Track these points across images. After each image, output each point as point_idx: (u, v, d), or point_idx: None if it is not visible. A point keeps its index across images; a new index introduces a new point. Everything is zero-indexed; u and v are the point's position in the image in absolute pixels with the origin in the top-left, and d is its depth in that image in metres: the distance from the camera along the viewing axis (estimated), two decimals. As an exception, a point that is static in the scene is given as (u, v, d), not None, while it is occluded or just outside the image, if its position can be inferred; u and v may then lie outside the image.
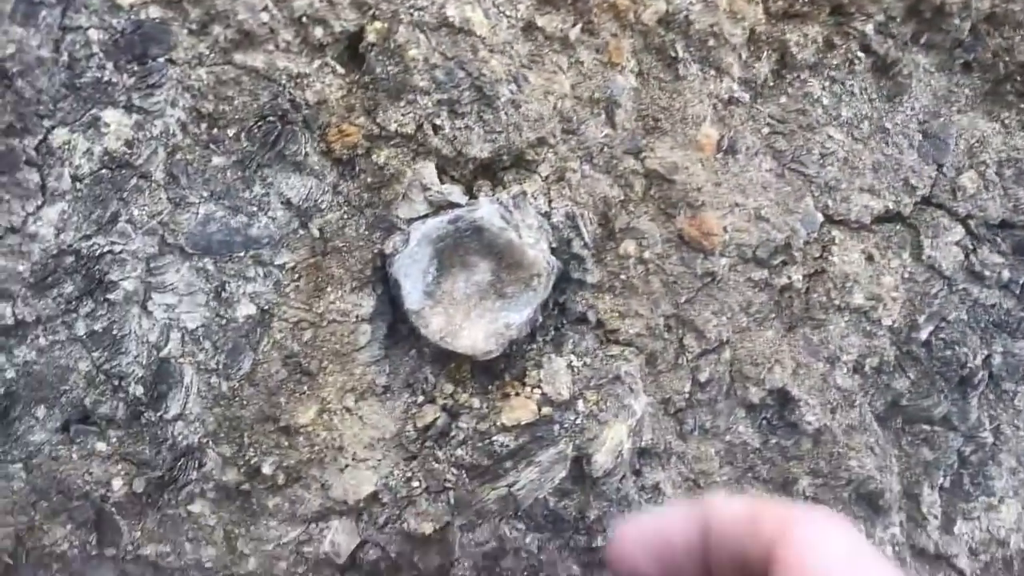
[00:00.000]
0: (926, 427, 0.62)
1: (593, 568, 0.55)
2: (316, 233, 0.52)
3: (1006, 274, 0.62)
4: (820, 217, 0.59)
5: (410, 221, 0.52)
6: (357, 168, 0.51)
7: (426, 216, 0.50)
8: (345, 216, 0.52)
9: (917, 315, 0.60)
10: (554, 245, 0.54)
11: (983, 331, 0.62)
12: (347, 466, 0.52)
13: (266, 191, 0.51)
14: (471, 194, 0.53)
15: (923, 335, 0.60)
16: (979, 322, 0.62)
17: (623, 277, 0.56)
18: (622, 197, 0.56)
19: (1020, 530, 0.63)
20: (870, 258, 0.59)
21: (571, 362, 0.55)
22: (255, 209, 0.50)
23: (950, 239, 0.61)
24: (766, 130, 0.58)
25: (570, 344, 0.55)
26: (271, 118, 0.50)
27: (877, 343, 0.60)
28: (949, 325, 0.61)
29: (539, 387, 0.54)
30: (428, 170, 0.52)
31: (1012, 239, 0.62)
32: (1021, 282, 0.62)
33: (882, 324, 0.59)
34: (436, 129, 0.52)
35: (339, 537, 0.53)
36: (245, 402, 0.51)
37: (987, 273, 0.62)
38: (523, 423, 0.52)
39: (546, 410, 0.52)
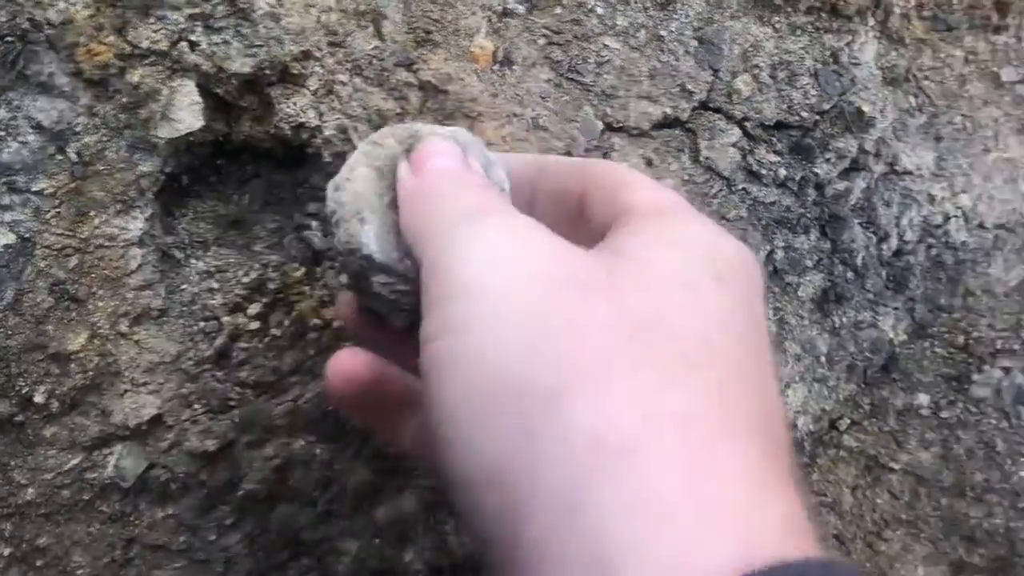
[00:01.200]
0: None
1: (386, 474, 0.56)
2: (74, 157, 0.51)
3: (783, 172, 0.64)
4: (600, 125, 0.60)
5: (170, 142, 0.51)
6: (111, 89, 0.51)
7: None
8: (104, 139, 0.51)
9: None
10: (328, 159, 0.55)
11: (764, 228, 0.65)
12: (127, 391, 0.52)
13: (13, 115, 0.50)
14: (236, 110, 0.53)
15: None
16: (760, 219, 0.65)
17: None
18: (398, 110, 0.56)
19: (807, 412, 0.67)
20: (649, 163, 0.61)
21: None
22: (3, 134, 0.49)
23: (727, 141, 0.63)
24: (542, 41, 0.59)
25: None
26: (9, 38, 0.48)
27: (659, 243, 0.61)
28: (731, 224, 0.64)
29: (323, 302, 0.54)
30: (187, 88, 0.51)
31: (787, 139, 0.65)
32: (798, 179, 0.65)
33: None
34: (192, 45, 0.51)
35: (124, 462, 0.52)
36: (10, 332, 0.50)
37: (764, 172, 0.64)
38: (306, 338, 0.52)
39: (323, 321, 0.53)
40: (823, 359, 0.68)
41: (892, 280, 0.71)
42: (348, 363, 0.40)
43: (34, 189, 0.50)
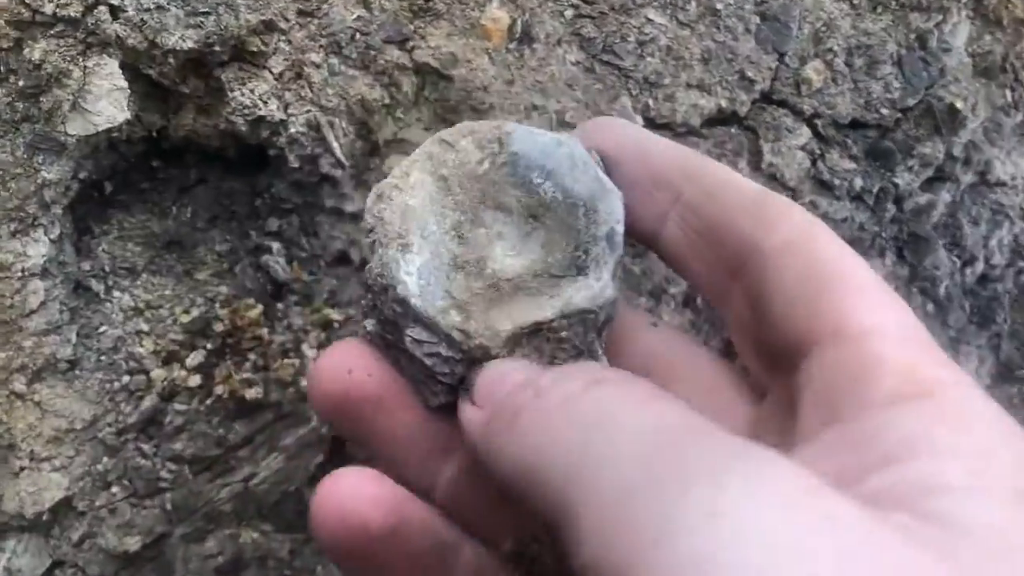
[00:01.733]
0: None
1: None
2: (-47, 159, 0.39)
3: (858, 182, 0.56)
4: (640, 120, 0.51)
5: (86, 140, 0.39)
6: (3, 68, 0.39)
7: None
8: None
9: None
10: (295, 165, 0.43)
11: None
12: (24, 469, 0.41)
13: None
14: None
15: None
16: None
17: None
18: (387, 100, 0.46)
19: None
20: None
21: (330, 317, 0.44)
22: None
23: (794, 143, 0.55)
24: (570, 13, 0.50)
25: (326, 292, 0.44)
26: None
27: (711, 271, 0.51)
28: None
29: (286, 350, 0.43)
30: (108, 68, 0.39)
31: (864, 141, 0.57)
32: (875, 191, 0.56)
33: None
34: (115, 11, 0.40)
35: (20, 560, 0.41)
36: None
37: (837, 182, 0.55)
38: (262, 400, 0.41)
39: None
40: None
41: (976, 312, 0.62)
42: (357, 492, 0.31)
43: None
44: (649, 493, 0.22)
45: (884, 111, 0.55)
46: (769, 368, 0.32)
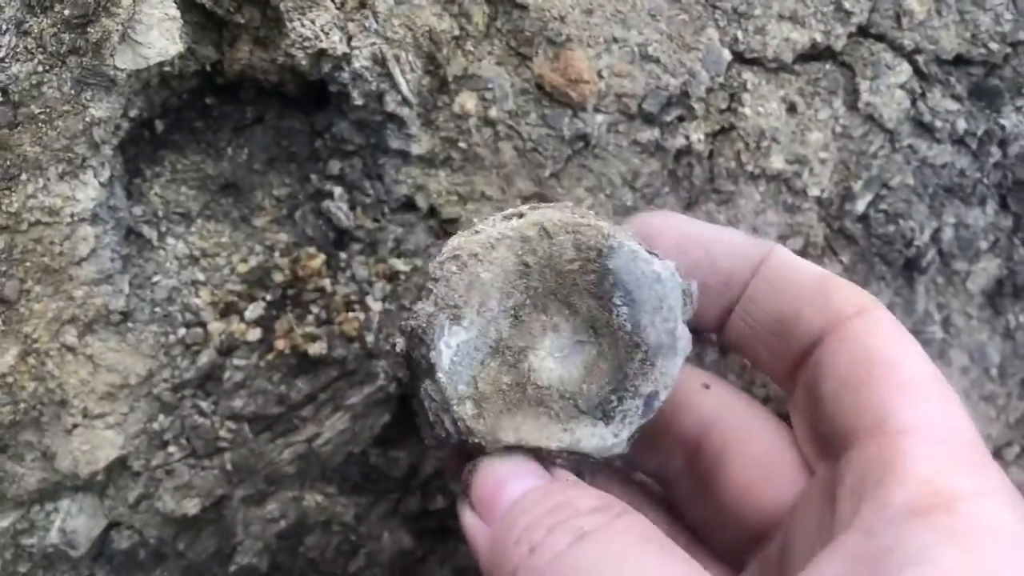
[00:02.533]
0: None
1: (432, 538, 0.43)
2: (-3, 95, 0.37)
3: (961, 124, 0.53)
4: (727, 55, 0.48)
5: (136, 74, 0.36)
6: None
7: None
8: (40, 68, 0.38)
9: (852, 181, 0.50)
10: (359, 103, 0.40)
11: (932, 198, 0.53)
12: (76, 426, 0.39)
13: (-98, 32, 0.35)
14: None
15: (859, 207, 0.51)
16: (927, 187, 0.53)
17: (462, 145, 0.44)
18: (456, 32, 0.43)
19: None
20: (792, 108, 0.49)
21: (396, 268, 0.42)
22: None
23: (894, 81, 0.52)
24: None
25: (391, 241, 0.42)
26: None
27: (802, 219, 0.50)
28: (892, 193, 0.52)
29: (350, 303, 0.40)
30: (158, -5, 0.36)
31: (968, 79, 0.53)
32: (979, 134, 0.53)
33: (808, 195, 0.50)
34: None
35: (74, 522, 0.40)
36: (-89, 346, 0.37)
37: (938, 124, 0.52)
38: (325, 355, 0.39)
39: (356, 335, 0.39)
40: (994, 371, 0.56)
41: (1082, 266, 0.58)
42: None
43: None
44: None
45: (992, 45, 0.52)
46: (818, 454, 0.34)
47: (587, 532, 0.29)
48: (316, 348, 0.40)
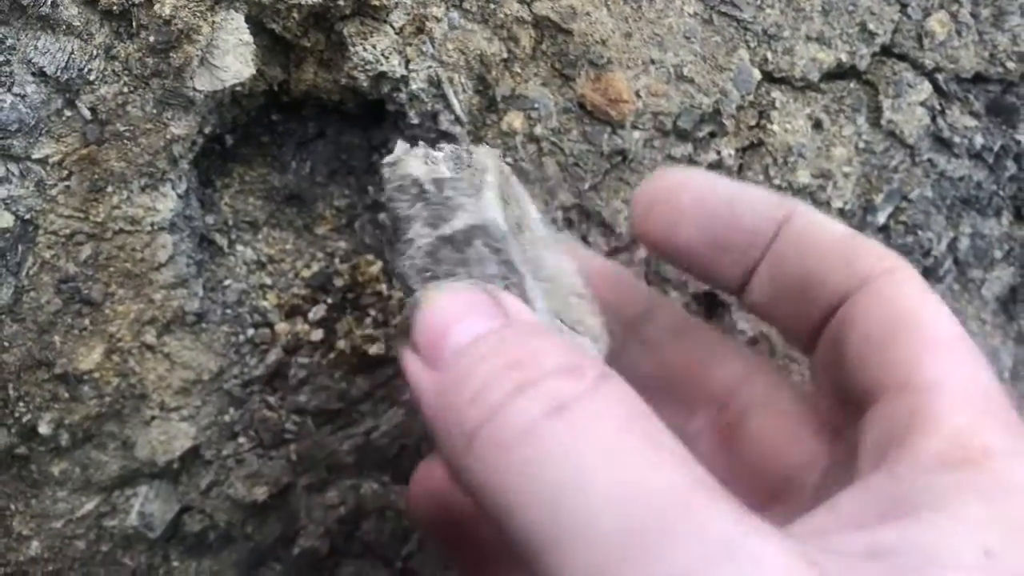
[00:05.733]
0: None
1: None
2: (87, 114, 0.40)
3: (979, 140, 0.54)
4: (757, 74, 0.50)
5: (212, 95, 0.40)
6: (135, 23, 0.39)
7: None
8: (126, 90, 0.40)
9: (874, 194, 0.53)
10: (415, 121, 0.43)
11: (949, 210, 0.54)
12: (154, 418, 0.42)
13: (6, 58, 0.38)
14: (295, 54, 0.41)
15: (881, 218, 0.53)
16: (945, 199, 0.54)
17: (509, 160, 0.47)
18: (505, 55, 0.46)
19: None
20: (818, 125, 0.51)
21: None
22: (-8, 84, 0.38)
23: (915, 99, 0.53)
24: None
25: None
26: (-3, -47, 0.37)
27: (825, 231, 0.50)
28: (911, 205, 0.54)
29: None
30: (235, 23, 0.40)
31: (986, 96, 0.55)
32: (995, 149, 0.54)
33: (832, 207, 0.51)
34: None
35: (151, 506, 0.43)
36: (7, 343, 0.40)
37: (957, 139, 0.54)
38: (383, 355, 0.42)
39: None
40: (1006, 374, 0.58)
41: (1094, 274, 0.60)
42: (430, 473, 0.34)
43: (35, 156, 0.40)
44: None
45: (1010, 64, 0.53)
46: (843, 413, 0.32)
47: (566, 403, 0.24)
48: (375, 348, 0.43)
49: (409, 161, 0.32)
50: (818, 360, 0.34)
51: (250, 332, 0.44)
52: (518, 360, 0.25)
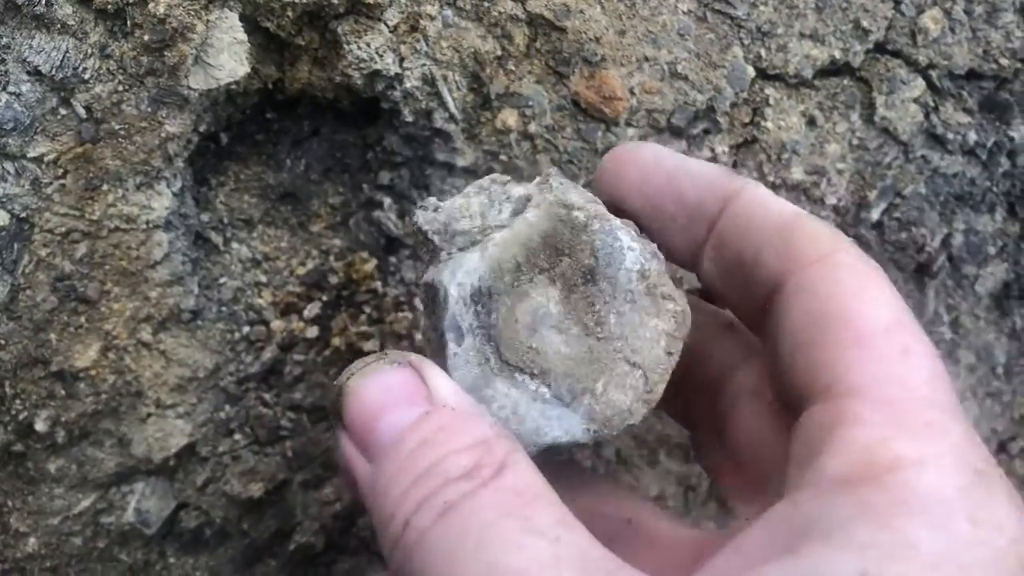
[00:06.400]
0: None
1: None
2: (82, 113, 0.40)
3: (972, 136, 0.54)
4: (751, 71, 0.50)
5: (207, 93, 0.40)
6: (129, 22, 0.40)
7: None
8: (120, 88, 0.41)
9: (867, 191, 0.53)
10: (409, 119, 0.43)
11: (943, 206, 0.55)
12: (150, 415, 0.43)
13: (1, 58, 0.39)
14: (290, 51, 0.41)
15: (874, 215, 0.53)
16: (939, 195, 0.54)
17: (503, 158, 0.47)
18: (498, 52, 0.46)
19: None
20: (812, 122, 0.51)
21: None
22: (-13, 83, 0.38)
23: (908, 95, 0.53)
24: None
25: (436, 246, 0.45)
26: (-9, -48, 0.37)
27: (819, 227, 0.51)
28: (905, 201, 0.54)
29: (399, 304, 0.44)
30: (229, 22, 0.40)
31: (979, 93, 0.55)
32: (988, 145, 0.54)
33: (826, 203, 0.52)
34: None
35: (147, 503, 0.43)
36: (4, 341, 0.40)
37: (950, 136, 0.54)
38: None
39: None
40: (999, 369, 0.58)
41: (1087, 271, 0.60)
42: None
43: (31, 155, 0.40)
44: None
45: (1003, 61, 0.54)
46: (787, 414, 0.31)
47: (449, 507, 0.26)
48: (370, 345, 0.43)
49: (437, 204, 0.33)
50: (768, 355, 0.32)
51: (245, 329, 0.44)
52: (428, 468, 0.27)
